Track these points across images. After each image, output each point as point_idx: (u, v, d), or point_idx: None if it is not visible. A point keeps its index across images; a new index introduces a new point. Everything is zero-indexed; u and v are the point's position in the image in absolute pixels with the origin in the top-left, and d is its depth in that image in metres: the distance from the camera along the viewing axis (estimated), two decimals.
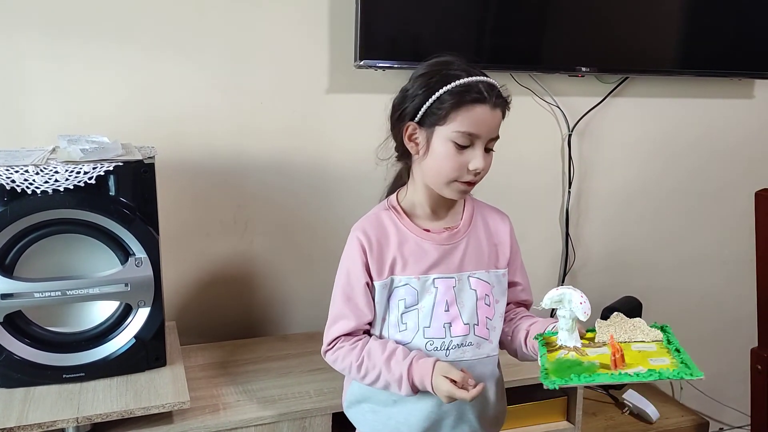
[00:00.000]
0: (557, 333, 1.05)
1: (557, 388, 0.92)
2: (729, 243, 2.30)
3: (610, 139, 2.08)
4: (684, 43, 2.01)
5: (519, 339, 1.20)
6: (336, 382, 1.44)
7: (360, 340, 1.15)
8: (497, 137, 1.11)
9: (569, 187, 2.05)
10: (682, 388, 2.32)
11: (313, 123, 1.77)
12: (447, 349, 1.13)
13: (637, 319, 1.05)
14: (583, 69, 1.87)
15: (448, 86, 1.07)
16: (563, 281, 2.11)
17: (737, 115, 2.20)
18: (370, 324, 1.16)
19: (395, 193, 1.21)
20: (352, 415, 1.23)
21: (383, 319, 1.15)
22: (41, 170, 1.22)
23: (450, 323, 1.14)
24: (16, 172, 1.21)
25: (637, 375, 0.92)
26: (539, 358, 1.01)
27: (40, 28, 1.52)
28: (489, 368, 1.18)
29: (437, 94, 1.07)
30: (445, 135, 1.08)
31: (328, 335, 1.17)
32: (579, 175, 2.06)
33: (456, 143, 1.07)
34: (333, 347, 1.16)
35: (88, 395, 1.27)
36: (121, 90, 1.60)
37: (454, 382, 1.03)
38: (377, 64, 1.68)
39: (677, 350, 0.98)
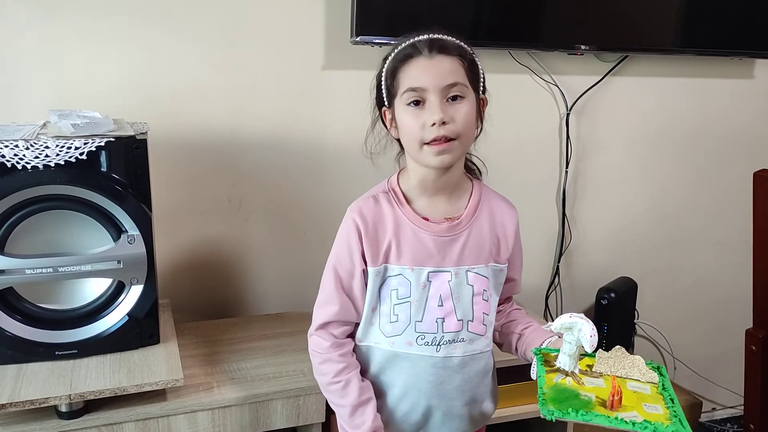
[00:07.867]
0: (555, 351, 1.04)
1: (554, 420, 0.93)
2: (725, 223, 2.29)
3: (608, 118, 2.06)
4: (684, 21, 1.98)
5: (510, 341, 1.21)
6: None
7: (348, 366, 1.13)
8: (456, 83, 1.04)
9: (566, 167, 2.04)
10: (675, 368, 2.33)
11: (309, 100, 1.75)
12: (438, 344, 1.11)
13: (637, 357, 1.04)
14: (582, 47, 1.85)
15: (389, 60, 1.09)
16: (559, 261, 2.11)
17: (737, 95, 2.19)
18: (357, 314, 1.14)
19: (397, 173, 1.17)
20: None
21: (374, 309, 1.13)
22: (31, 145, 1.20)
23: (443, 318, 1.11)
24: (6, 146, 1.18)
25: (633, 424, 0.92)
26: (537, 378, 1.01)
27: (33, 2, 1.49)
28: (482, 363, 1.17)
29: (383, 73, 1.09)
30: (400, 104, 1.07)
31: (316, 318, 1.15)
32: (576, 154, 2.05)
33: (409, 105, 1.06)
34: (321, 337, 1.14)
35: (81, 372, 1.27)
36: (115, 66, 1.58)
37: None
38: (374, 41, 1.65)
39: (671, 400, 0.98)
